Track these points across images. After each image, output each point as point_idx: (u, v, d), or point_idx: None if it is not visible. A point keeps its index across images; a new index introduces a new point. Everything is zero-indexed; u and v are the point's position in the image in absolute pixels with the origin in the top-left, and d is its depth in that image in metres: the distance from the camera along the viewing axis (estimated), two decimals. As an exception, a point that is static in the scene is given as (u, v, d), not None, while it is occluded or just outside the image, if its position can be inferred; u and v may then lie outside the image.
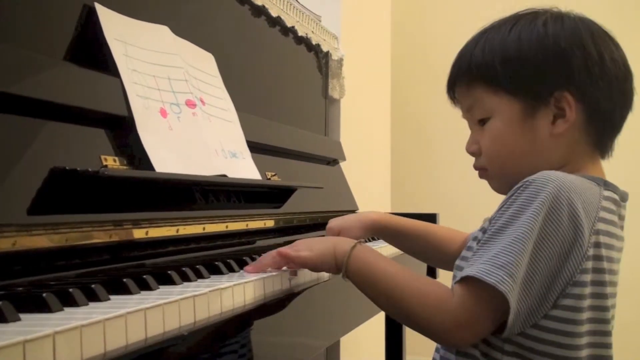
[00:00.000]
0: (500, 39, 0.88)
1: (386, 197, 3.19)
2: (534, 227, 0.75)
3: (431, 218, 1.84)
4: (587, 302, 0.78)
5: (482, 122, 0.90)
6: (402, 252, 1.25)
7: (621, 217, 0.86)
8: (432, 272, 1.76)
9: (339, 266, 0.86)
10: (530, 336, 0.78)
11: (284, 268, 0.93)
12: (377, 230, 1.15)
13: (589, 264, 0.78)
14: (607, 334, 0.82)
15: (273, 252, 0.91)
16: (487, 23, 0.93)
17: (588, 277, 0.78)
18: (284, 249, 0.90)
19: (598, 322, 0.80)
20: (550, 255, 0.76)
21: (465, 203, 3.14)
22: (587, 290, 0.78)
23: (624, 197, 0.87)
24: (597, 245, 0.79)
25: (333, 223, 1.15)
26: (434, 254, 1.16)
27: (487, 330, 0.78)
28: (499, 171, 0.91)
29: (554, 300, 0.77)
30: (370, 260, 0.85)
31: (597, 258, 0.79)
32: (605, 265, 0.80)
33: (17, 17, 0.90)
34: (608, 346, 0.82)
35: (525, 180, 0.79)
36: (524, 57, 0.86)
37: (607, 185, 0.84)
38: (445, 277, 1.12)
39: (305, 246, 0.90)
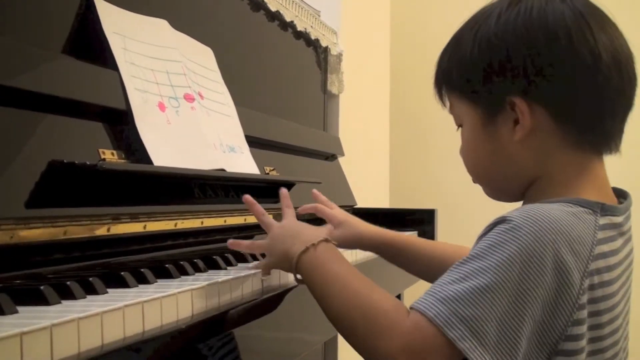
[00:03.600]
0: (463, 38, 0.80)
1: (384, 193, 3.19)
2: (508, 276, 0.65)
3: (429, 214, 1.84)
4: (583, 356, 0.70)
5: (459, 128, 0.85)
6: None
7: (626, 233, 0.77)
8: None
9: (290, 264, 0.81)
10: None
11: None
12: (381, 245, 1.09)
13: (584, 313, 0.69)
14: None
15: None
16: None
17: (583, 328, 0.69)
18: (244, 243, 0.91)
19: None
20: (534, 311, 0.66)
21: (464, 199, 3.14)
22: (583, 342, 0.70)
23: (627, 207, 0.79)
24: (592, 287, 0.70)
25: (340, 212, 1.11)
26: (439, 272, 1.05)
27: None
28: (479, 179, 0.85)
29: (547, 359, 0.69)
30: (325, 260, 0.78)
31: (593, 301, 0.70)
32: (602, 305, 0.71)
33: (15, 10, 0.90)
34: None
35: (504, 215, 0.70)
36: (473, 60, 0.78)
37: (605, 210, 0.74)
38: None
39: (268, 246, 0.89)
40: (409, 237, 1.12)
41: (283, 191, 1.02)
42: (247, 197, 0.98)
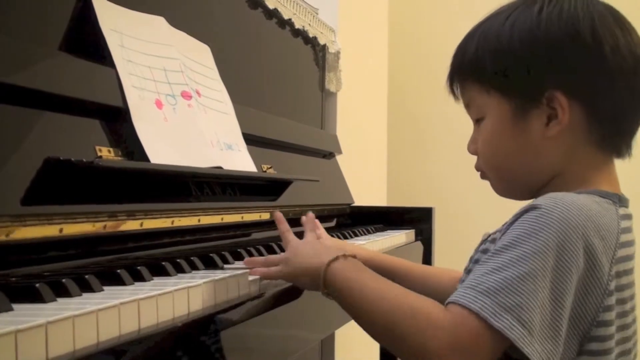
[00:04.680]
0: (494, 30, 0.79)
1: (382, 191, 3.19)
2: (545, 263, 0.66)
3: (427, 212, 1.84)
4: (613, 343, 0.71)
5: (478, 121, 0.84)
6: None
7: (632, 230, 0.79)
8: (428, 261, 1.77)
9: (315, 282, 0.79)
10: None
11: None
12: (374, 269, 1.05)
13: (613, 299, 0.70)
14: (629, 352, 0.75)
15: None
16: (489, 12, 0.85)
17: (613, 315, 0.70)
18: (259, 270, 0.87)
19: (624, 355, 0.74)
20: (570, 296, 0.67)
21: (461, 197, 3.15)
22: (613, 329, 0.70)
23: (629, 204, 0.80)
24: (619, 275, 0.71)
25: (330, 239, 1.10)
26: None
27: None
28: (495, 174, 0.84)
29: (579, 347, 0.69)
30: (351, 274, 0.76)
31: (620, 289, 0.71)
32: (627, 293, 0.73)
33: (12, 7, 0.89)
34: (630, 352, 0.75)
35: (533, 203, 0.70)
36: (512, 53, 0.77)
37: (622, 202, 0.76)
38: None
39: (285, 258, 0.87)
40: (402, 262, 1.09)
41: (309, 215, 1.02)
42: (278, 215, 0.97)
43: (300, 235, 0.96)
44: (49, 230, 0.80)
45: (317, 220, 1.04)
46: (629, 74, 0.75)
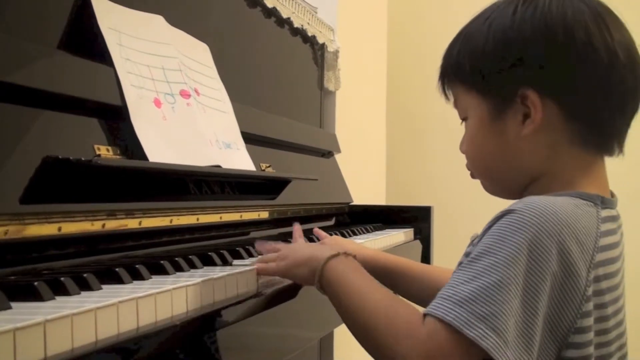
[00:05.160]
0: (475, 31, 0.80)
1: (381, 190, 3.19)
2: (517, 270, 0.65)
3: (425, 211, 1.84)
4: (592, 349, 0.70)
5: (464, 121, 0.84)
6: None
7: (621, 227, 0.78)
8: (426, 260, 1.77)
9: (312, 275, 0.81)
10: None
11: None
12: (376, 268, 1.04)
13: (590, 305, 0.69)
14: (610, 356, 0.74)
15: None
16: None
17: (591, 321, 0.69)
18: (259, 266, 0.90)
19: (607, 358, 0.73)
20: (544, 303, 0.66)
21: (460, 196, 3.15)
22: (591, 335, 0.70)
23: (617, 202, 0.79)
24: (597, 279, 0.70)
25: (332, 238, 1.15)
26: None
27: None
28: (481, 173, 0.84)
29: (557, 353, 0.68)
30: (347, 274, 0.78)
31: (598, 293, 0.70)
32: (607, 297, 0.72)
33: (10, 6, 0.89)
34: None
35: (508, 208, 0.70)
36: (487, 52, 0.77)
37: (605, 203, 0.75)
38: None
39: (280, 254, 0.89)
40: (404, 261, 1.09)
41: (296, 226, 1.10)
42: (297, 226, 1.06)
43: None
44: (47, 229, 0.80)
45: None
46: (603, 70, 0.74)
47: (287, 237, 1.23)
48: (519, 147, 0.77)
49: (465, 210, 3.11)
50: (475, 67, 0.79)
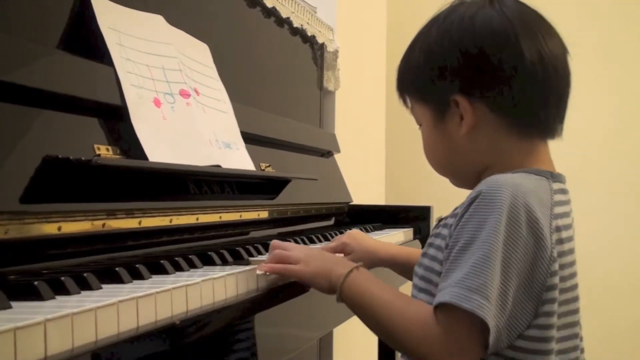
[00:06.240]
0: (410, 47, 0.90)
1: (380, 189, 3.19)
2: (496, 242, 0.74)
3: (425, 210, 1.84)
4: (558, 304, 0.78)
5: (420, 127, 0.94)
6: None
7: (569, 201, 0.86)
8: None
9: (332, 289, 0.87)
10: (514, 347, 0.77)
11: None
12: (389, 260, 1.14)
13: (556, 265, 0.77)
14: (576, 325, 0.82)
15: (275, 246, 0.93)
16: None
17: (557, 279, 0.77)
18: (278, 266, 0.90)
19: (567, 315, 0.80)
20: (519, 266, 0.75)
21: (459, 196, 3.14)
22: (557, 292, 0.78)
23: (564, 179, 0.87)
24: (560, 241, 0.79)
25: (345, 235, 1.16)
26: None
27: (479, 352, 0.75)
28: (441, 171, 0.94)
29: (535, 308, 0.76)
30: (363, 287, 0.85)
31: (561, 254, 0.79)
32: (569, 258, 0.80)
33: (10, 5, 0.89)
34: (576, 337, 0.82)
35: (478, 190, 0.78)
36: (420, 68, 0.88)
37: (554, 177, 0.84)
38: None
39: (303, 258, 0.90)
40: (414, 251, 1.16)
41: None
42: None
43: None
44: (47, 228, 0.80)
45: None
46: (521, 68, 0.82)
47: (286, 237, 1.23)
48: (463, 144, 0.87)
49: (464, 210, 3.11)
50: (413, 81, 0.90)
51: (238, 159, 1.26)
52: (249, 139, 1.35)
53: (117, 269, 0.73)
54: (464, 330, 0.74)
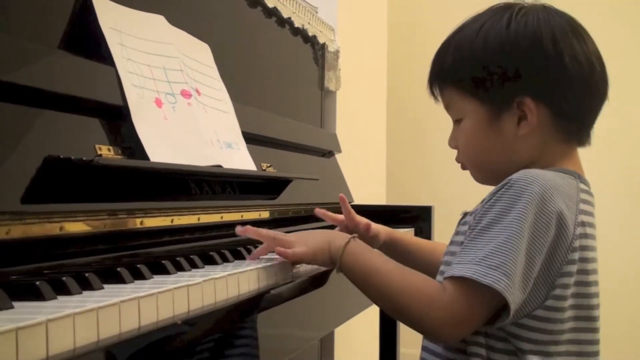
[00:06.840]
0: (468, 41, 0.90)
1: (381, 189, 3.19)
2: (523, 227, 0.78)
3: (426, 210, 1.84)
4: (571, 290, 0.82)
5: (458, 121, 0.94)
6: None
7: (594, 203, 0.89)
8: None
9: (333, 261, 0.88)
10: (517, 324, 0.81)
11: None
12: (388, 240, 1.17)
13: (576, 255, 0.81)
14: (593, 319, 0.85)
15: (270, 236, 0.94)
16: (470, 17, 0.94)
17: (574, 267, 0.82)
18: (280, 250, 0.91)
19: (582, 309, 0.84)
20: (541, 252, 0.79)
21: (460, 196, 3.14)
22: (573, 279, 0.82)
23: (589, 186, 0.90)
24: (584, 236, 0.83)
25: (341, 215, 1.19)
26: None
27: (480, 325, 0.81)
28: (475, 167, 0.95)
29: (547, 292, 0.81)
30: (364, 256, 0.87)
31: (584, 248, 0.83)
32: (592, 254, 0.84)
33: (11, 5, 0.89)
34: (594, 331, 0.85)
35: (508, 179, 0.82)
36: (486, 64, 0.88)
37: (582, 179, 0.88)
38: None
39: (301, 241, 0.92)
40: (415, 238, 1.22)
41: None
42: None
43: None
44: (49, 229, 0.80)
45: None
46: (586, 78, 0.87)
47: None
48: (515, 145, 0.89)
49: (464, 209, 3.11)
50: (475, 77, 0.89)
51: (239, 159, 1.26)
52: (250, 139, 1.35)
53: (118, 269, 0.73)
54: (475, 301, 0.78)
